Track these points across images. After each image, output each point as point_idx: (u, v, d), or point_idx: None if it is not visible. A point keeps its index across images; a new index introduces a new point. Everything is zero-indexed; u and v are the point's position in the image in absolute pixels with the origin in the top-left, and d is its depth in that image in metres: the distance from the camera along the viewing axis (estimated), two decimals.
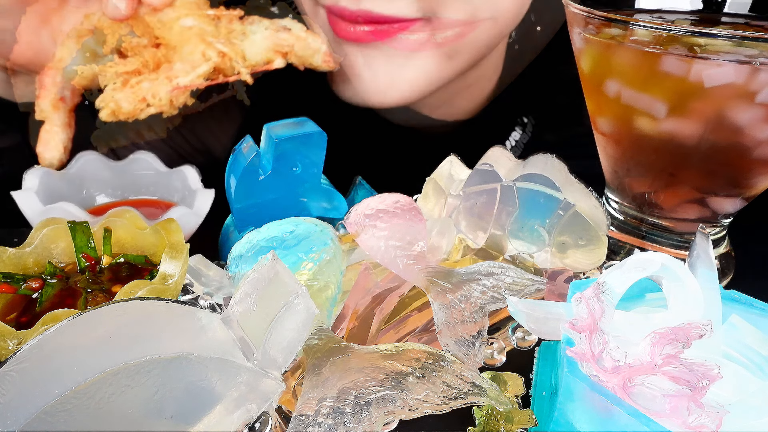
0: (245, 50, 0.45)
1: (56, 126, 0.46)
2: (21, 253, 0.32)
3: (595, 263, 0.35)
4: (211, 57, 0.44)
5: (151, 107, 0.44)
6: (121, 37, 0.45)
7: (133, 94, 0.44)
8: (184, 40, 0.44)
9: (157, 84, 0.44)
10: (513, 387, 0.27)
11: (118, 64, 0.45)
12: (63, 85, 0.45)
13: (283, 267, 0.25)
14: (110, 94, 0.44)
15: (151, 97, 0.44)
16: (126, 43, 0.45)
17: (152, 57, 0.45)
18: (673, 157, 0.35)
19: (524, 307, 0.26)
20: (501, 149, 0.39)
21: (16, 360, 0.20)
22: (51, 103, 0.46)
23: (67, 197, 0.38)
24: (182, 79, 0.44)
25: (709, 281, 0.27)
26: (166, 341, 0.22)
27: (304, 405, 0.23)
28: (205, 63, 0.44)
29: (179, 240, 0.32)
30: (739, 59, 0.30)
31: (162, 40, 0.45)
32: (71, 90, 0.46)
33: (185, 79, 0.44)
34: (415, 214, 0.34)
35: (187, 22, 0.44)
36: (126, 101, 0.43)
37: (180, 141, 0.60)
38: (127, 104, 0.43)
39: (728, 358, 0.26)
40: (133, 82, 0.44)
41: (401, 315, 0.32)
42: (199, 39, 0.44)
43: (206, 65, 0.44)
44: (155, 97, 0.44)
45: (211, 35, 0.45)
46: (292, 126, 0.37)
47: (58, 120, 0.46)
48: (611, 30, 0.33)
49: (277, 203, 0.38)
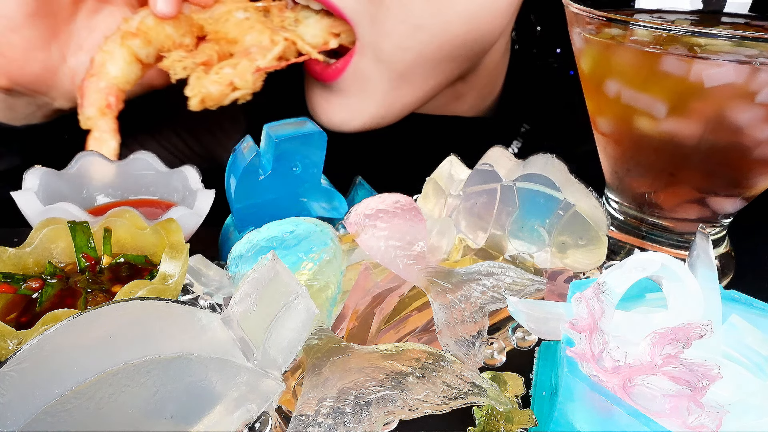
0: (302, 35, 0.47)
1: (105, 133, 0.45)
2: (21, 253, 0.32)
3: (595, 263, 0.35)
4: (280, 41, 0.46)
5: (236, 91, 0.45)
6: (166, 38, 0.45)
7: (220, 80, 0.45)
8: (244, 30, 0.45)
9: (241, 67, 0.45)
10: (513, 387, 0.27)
11: (186, 57, 0.45)
12: (108, 91, 0.45)
13: (283, 267, 0.25)
14: (198, 82, 0.45)
15: (238, 79, 0.45)
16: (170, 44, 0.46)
17: (212, 50, 0.46)
18: (673, 157, 0.35)
19: (524, 307, 0.26)
20: (501, 149, 0.39)
21: (16, 360, 0.20)
22: (98, 110, 0.45)
23: (67, 197, 0.38)
24: (261, 61, 0.45)
25: (709, 281, 0.27)
26: (166, 341, 0.22)
27: (304, 405, 0.23)
28: (276, 46, 0.46)
29: (179, 240, 0.32)
30: (739, 59, 0.30)
31: (217, 34, 0.46)
32: (116, 95, 0.46)
33: (264, 62, 0.45)
34: (415, 214, 0.34)
35: (239, 15, 0.46)
36: (213, 87, 0.44)
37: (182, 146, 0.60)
38: (215, 90, 0.45)
39: (728, 358, 0.26)
40: (215, 68, 0.45)
41: (401, 315, 0.32)
42: (263, 26, 0.46)
43: (278, 48, 0.46)
44: (242, 79, 0.45)
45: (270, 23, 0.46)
46: (292, 126, 0.37)
47: (106, 126, 0.46)
48: (611, 30, 0.33)
49: (277, 203, 0.38)
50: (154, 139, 0.59)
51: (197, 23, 0.46)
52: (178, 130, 0.60)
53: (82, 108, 0.46)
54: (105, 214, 0.34)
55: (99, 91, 0.45)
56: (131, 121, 0.53)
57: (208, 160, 0.61)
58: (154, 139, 0.59)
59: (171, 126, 0.60)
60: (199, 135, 0.61)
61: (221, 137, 0.61)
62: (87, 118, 0.46)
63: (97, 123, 0.46)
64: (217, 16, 0.46)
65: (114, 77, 0.45)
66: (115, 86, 0.46)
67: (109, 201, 0.42)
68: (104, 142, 0.46)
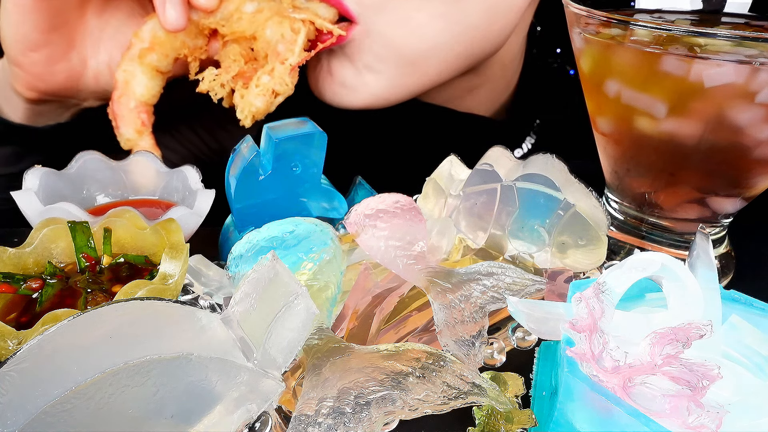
0: (317, 10, 0.46)
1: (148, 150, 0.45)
2: (21, 253, 0.32)
3: (595, 263, 0.35)
4: (300, 27, 0.44)
5: (279, 96, 0.45)
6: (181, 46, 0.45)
7: (262, 92, 0.44)
8: (260, 24, 0.44)
9: (277, 72, 0.44)
10: (513, 387, 0.27)
11: (220, 74, 0.45)
12: (138, 109, 0.46)
13: (283, 267, 0.25)
14: (244, 100, 0.45)
15: (279, 86, 0.44)
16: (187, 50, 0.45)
17: (237, 54, 0.45)
18: (673, 157, 0.35)
19: (524, 307, 0.26)
20: (501, 149, 0.39)
21: (16, 360, 0.20)
22: (135, 130, 0.46)
23: (67, 197, 0.38)
24: (293, 58, 0.44)
25: (709, 281, 0.27)
26: (166, 341, 0.22)
27: (304, 405, 0.23)
28: (299, 35, 0.45)
29: (179, 240, 0.32)
30: (739, 59, 0.30)
31: (232, 35, 0.45)
32: (146, 111, 0.46)
33: (294, 57, 0.44)
34: (415, 214, 0.34)
35: (249, 8, 0.44)
36: (259, 100, 0.44)
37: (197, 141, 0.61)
38: (261, 102, 0.45)
39: (728, 358, 0.26)
40: (255, 81, 0.45)
41: (401, 315, 0.32)
42: (279, 16, 0.44)
43: (302, 35, 0.45)
44: (282, 84, 0.45)
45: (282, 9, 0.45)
46: (292, 126, 0.37)
47: (146, 144, 0.46)
48: (611, 30, 0.33)
49: (277, 203, 0.38)
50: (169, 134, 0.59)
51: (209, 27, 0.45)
52: (193, 126, 0.60)
53: (119, 129, 0.46)
54: (105, 214, 0.34)
55: (131, 112, 0.45)
56: None
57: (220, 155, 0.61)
58: (170, 134, 0.59)
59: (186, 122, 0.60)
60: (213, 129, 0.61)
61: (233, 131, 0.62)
62: (127, 139, 0.46)
63: (138, 142, 0.46)
64: (227, 15, 0.44)
65: (141, 95, 0.45)
66: (144, 103, 0.46)
67: (109, 201, 0.42)
68: None
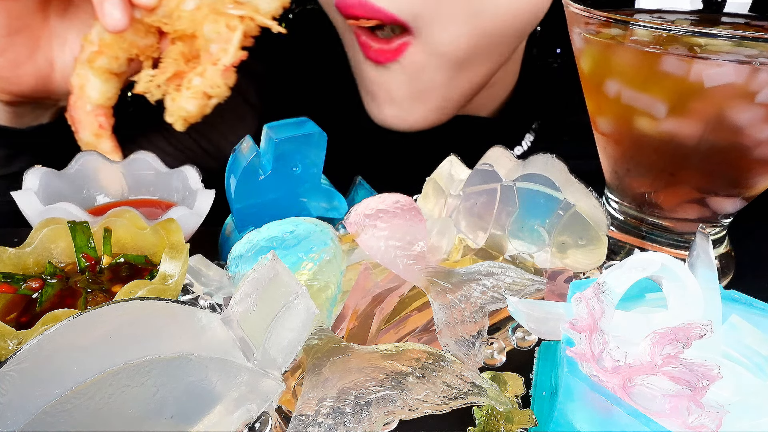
0: (258, 5, 0.44)
1: (107, 154, 0.45)
2: (21, 253, 0.32)
3: (595, 263, 0.35)
4: (237, 25, 0.43)
5: (213, 98, 0.44)
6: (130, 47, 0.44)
7: (194, 94, 0.43)
8: (199, 22, 0.43)
9: (209, 74, 0.43)
10: (513, 387, 0.27)
11: (156, 76, 0.44)
12: (95, 112, 0.45)
13: (283, 267, 0.25)
14: (174, 104, 0.44)
15: (210, 88, 0.43)
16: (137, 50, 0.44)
17: (178, 54, 0.44)
18: (673, 157, 0.35)
19: (524, 307, 0.26)
20: (501, 149, 0.39)
21: (16, 360, 0.20)
22: (93, 134, 0.45)
23: (67, 197, 0.38)
24: (226, 58, 0.43)
25: (709, 281, 0.27)
26: (166, 341, 0.22)
27: (304, 405, 0.23)
28: (235, 33, 0.43)
29: (179, 240, 0.32)
30: (739, 59, 0.30)
31: (174, 33, 0.44)
32: (104, 114, 0.46)
33: (228, 57, 0.43)
34: (415, 214, 0.34)
35: (189, 5, 0.43)
36: (190, 104, 0.43)
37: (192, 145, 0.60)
38: (193, 106, 0.43)
39: (728, 358, 0.26)
40: (186, 83, 0.43)
41: (401, 315, 0.32)
42: (215, 13, 0.43)
43: (238, 34, 0.43)
44: (213, 86, 0.43)
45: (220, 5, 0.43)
46: (292, 126, 0.37)
47: (106, 147, 0.46)
48: (611, 30, 0.33)
49: (277, 203, 0.38)
50: (163, 138, 0.59)
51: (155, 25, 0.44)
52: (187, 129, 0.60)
53: (78, 134, 0.45)
54: (105, 214, 0.34)
55: (87, 115, 0.45)
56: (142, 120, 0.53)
57: (215, 158, 0.61)
58: (164, 137, 0.59)
59: None
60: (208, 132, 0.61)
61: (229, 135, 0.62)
62: (86, 143, 0.46)
63: (97, 146, 0.46)
64: (168, 13, 0.43)
65: (95, 99, 0.45)
66: (100, 107, 0.45)
67: (109, 201, 0.42)
68: None
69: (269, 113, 0.62)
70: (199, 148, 0.61)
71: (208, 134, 0.61)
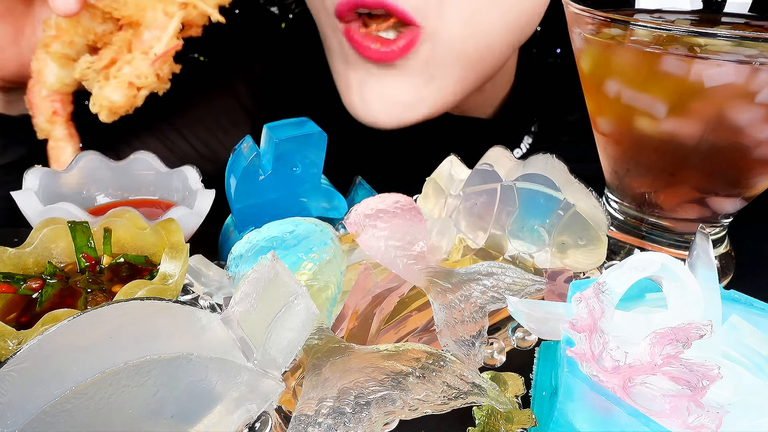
0: None
1: (60, 140, 0.44)
2: (21, 253, 0.32)
3: (595, 263, 0.35)
4: (175, 12, 0.41)
5: (142, 89, 0.42)
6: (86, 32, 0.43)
7: (120, 84, 0.41)
8: (142, 8, 0.41)
9: (136, 63, 0.41)
10: (513, 387, 0.27)
11: (94, 62, 0.42)
12: (51, 97, 0.44)
13: (283, 267, 0.25)
14: (99, 93, 0.42)
15: (137, 78, 0.41)
16: (94, 36, 0.43)
17: (123, 41, 0.42)
18: (673, 157, 0.35)
19: (524, 307, 0.26)
20: (501, 149, 0.39)
21: (16, 360, 0.20)
22: (46, 119, 0.44)
23: (67, 197, 0.38)
24: (158, 47, 0.41)
25: (709, 281, 0.27)
26: (166, 341, 0.22)
27: (304, 405, 0.23)
28: (172, 20, 0.41)
29: (179, 240, 0.32)
30: (739, 59, 0.30)
31: (123, 19, 0.42)
32: (60, 100, 0.44)
33: (160, 46, 0.41)
34: (415, 214, 0.34)
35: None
36: (116, 94, 0.41)
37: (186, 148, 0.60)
38: (118, 96, 0.41)
39: (728, 358, 0.26)
40: (113, 71, 0.41)
41: (401, 315, 0.32)
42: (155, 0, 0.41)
43: (174, 22, 0.41)
44: (140, 77, 0.41)
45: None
46: (292, 126, 0.37)
47: (59, 134, 0.45)
48: (611, 30, 0.33)
49: (277, 203, 0.38)
50: (158, 140, 0.59)
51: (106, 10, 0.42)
52: (182, 132, 0.60)
53: (34, 119, 0.45)
54: (105, 214, 0.34)
55: (43, 100, 0.44)
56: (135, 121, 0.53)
57: (210, 161, 0.61)
58: (159, 140, 0.59)
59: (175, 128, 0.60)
60: (202, 135, 0.61)
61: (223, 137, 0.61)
62: (40, 129, 0.45)
63: (50, 132, 0.45)
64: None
65: (51, 84, 0.43)
66: (56, 92, 0.44)
67: (109, 201, 0.42)
68: (61, 149, 0.45)
69: (265, 116, 0.62)
70: (194, 150, 0.61)
71: (203, 137, 0.61)
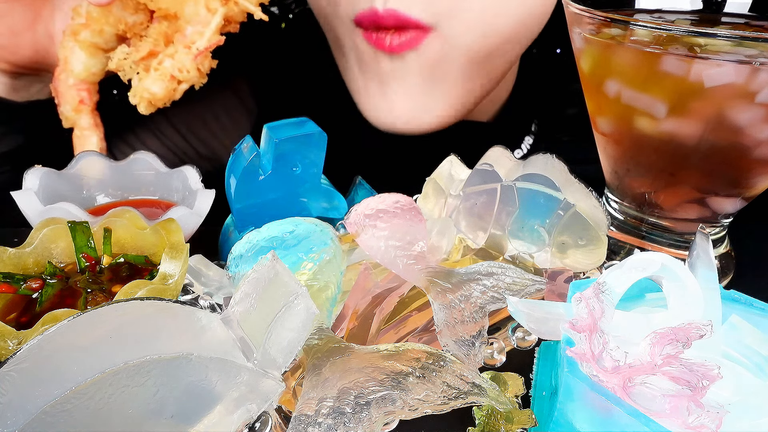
0: None
1: (86, 129, 0.44)
2: (21, 253, 0.32)
3: (595, 263, 0.35)
4: (217, 7, 0.41)
5: (182, 83, 0.42)
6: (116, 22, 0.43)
7: (161, 76, 0.41)
8: (181, 2, 0.41)
9: (179, 57, 0.41)
10: (513, 387, 0.27)
11: (131, 53, 0.42)
12: (77, 86, 0.44)
13: (283, 267, 0.25)
14: (139, 85, 0.42)
15: (179, 72, 0.42)
16: (124, 26, 0.43)
17: (159, 33, 0.43)
18: (673, 157, 0.35)
19: (524, 307, 0.26)
20: (501, 149, 0.39)
21: (16, 360, 0.20)
22: (72, 108, 0.44)
23: (67, 197, 0.38)
24: (200, 42, 0.41)
25: (709, 281, 0.27)
26: (166, 341, 0.22)
27: (304, 405, 0.23)
28: (215, 16, 0.41)
29: (179, 240, 0.32)
30: (739, 59, 0.30)
31: (159, 11, 0.42)
32: (87, 89, 0.45)
33: (203, 41, 0.41)
34: (415, 214, 0.34)
35: None
36: (156, 86, 0.41)
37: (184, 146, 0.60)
38: (159, 89, 0.42)
39: (728, 358, 0.26)
40: (155, 64, 0.42)
41: (401, 315, 0.32)
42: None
43: (217, 17, 0.41)
44: (182, 70, 0.42)
45: None
46: (292, 126, 0.37)
47: (84, 123, 0.45)
48: (611, 30, 0.33)
49: (277, 203, 0.38)
50: (156, 138, 0.59)
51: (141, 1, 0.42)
52: (181, 130, 0.60)
53: (60, 107, 0.45)
54: (105, 214, 0.34)
55: (69, 89, 0.44)
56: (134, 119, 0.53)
57: (210, 161, 0.61)
58: (156, 137, 0.59)
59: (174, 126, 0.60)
60: (202, 135, 0.61)
61: (223, 137, 0.61)
62: (65, 118, 0.45)
63: (76, 121, 0.45)
64: None
65: (79, 72, 0.44)
66: (83, 81, 0.44)
67: (109, 201, 0.42)
68: (86, 138, 0.45)
69: (265, 115, 0.62)
70: (192, 149, 0.61)
71: (202, 135, 0.61)
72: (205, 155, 0.61)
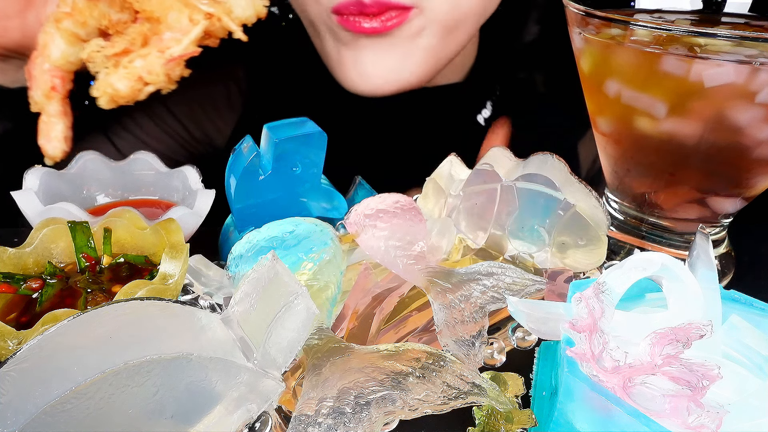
0: (232, 6, 0.43)
1: (53, 116, 0.44)
2: (21, 253, 0.32)
3: (595, 263, 0.35)
4: (200, 20, 0.42)
5: (149, 85, 0.42)
6: (100, 16, 0.43)
7: (128, 75, 0.41)
8: (167, 7, 0.42)
9: (150, 59, 0.41)
10: (513, 387, 0.27)
11: (105, 47, 0.42)
12: (51, 72, 0.44)
13: (283, 267, 0.25)
14: (104, 79, 0.42)
15: (147, 74, 0.41)
16: (107, 22, 0.43)
17: (138, 33, 0.43)
18: (673, 157, 0.35)
19: (524, 307, 0.26)
20: (501, 149, 0.39)
21: (16, 360, 0.20)
22: (43, 94, 0.44)
23: (67, 197, 0.38)
24: (175, 48, 0.41)
25: (709, 281, 0.27)
26: (166, 341, 0.22)
27: (304, 405, 0.23)
28: (195, 27, 0.41)
29: (179, 240, 0.32)
30: (739, 59, 0.30)
31: (143, 13, 0.42)
32: (61, 77, 0.44)
33: (178, 49, 0.41)
34: (415, 214, 0.34)
35: None
36: (122, 83, 0.41)
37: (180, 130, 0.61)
38: (123, 86, 0.41)
39: (728, 358, 0.26)
40: (125, 62, 0.42)
41: (401, 315, 0.32)
42: (183, 3, 0.42)
43: (197, 29, 0.42)
44: (151, 73, 0.41)
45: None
46: (292, 126, 0.37)
47: (53, 109, 0.44)
48: (611, 30, 0.33)
49: (277, 203, 0.38)
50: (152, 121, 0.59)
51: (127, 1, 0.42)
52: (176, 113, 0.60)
53: (30, 90, 0.44)
54: (105, 214, 0.34)
55: (43, 73, 0.43)
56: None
57: (205, 145, 0.61)
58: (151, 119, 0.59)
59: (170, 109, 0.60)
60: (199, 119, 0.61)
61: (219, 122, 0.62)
62: (35, 102, 0.44)
63: (45, 106, 0.44)
64: None
65: (56, 59, 0.43)
66: (58, 68, 0.44)
67: (109, 201, 0.42)
68: (52, 125, 0.44)
69: (259, 102, 0.62)
70: (186, 131, 0.61)
71: (196, 118, 0.61)
72: (199, 138, 0.61)
